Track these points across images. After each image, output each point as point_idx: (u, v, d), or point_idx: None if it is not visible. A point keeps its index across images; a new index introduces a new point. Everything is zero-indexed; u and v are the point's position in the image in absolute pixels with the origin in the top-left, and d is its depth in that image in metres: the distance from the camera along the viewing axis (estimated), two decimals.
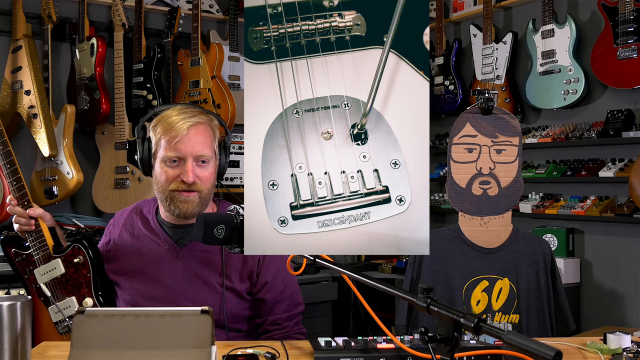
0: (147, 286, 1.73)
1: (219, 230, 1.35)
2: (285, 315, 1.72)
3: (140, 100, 3.39)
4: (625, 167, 2.96)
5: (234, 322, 1.71)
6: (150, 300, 1.71)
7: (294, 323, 1.74)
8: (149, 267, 1.74)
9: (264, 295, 1.71)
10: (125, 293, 1.77)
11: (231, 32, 3.74)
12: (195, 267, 1.70)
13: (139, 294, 1.74)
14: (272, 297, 1.72)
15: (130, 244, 1.79)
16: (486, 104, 2.02)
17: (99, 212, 3.42)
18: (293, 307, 1.74)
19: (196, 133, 1.64)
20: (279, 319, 1.71)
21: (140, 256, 1.76)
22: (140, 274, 1.75)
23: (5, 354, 1.12)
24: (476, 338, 1.39)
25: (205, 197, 1.68)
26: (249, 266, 1.71)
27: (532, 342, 0.91)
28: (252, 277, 1.72)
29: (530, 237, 2.11)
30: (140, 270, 1.75)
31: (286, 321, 1.72)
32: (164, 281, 1.71)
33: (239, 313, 1.71)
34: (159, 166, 1.68)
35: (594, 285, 3.20)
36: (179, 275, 1.70)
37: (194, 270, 1.70)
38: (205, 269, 1.70)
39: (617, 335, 1.49)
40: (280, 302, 1.72)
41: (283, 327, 1.71)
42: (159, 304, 1.68)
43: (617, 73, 2.95)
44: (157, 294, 1.71)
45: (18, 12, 3.18)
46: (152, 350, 1.08)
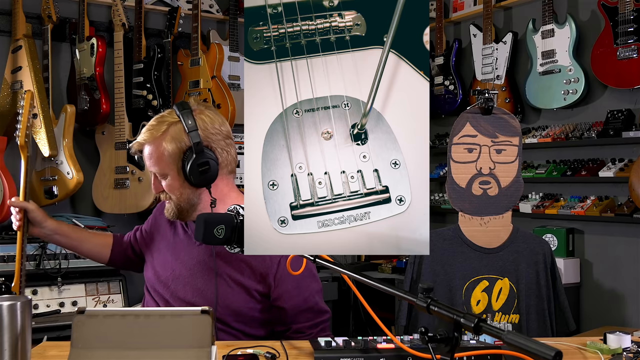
0: (163, 267, 1.78)
1: (219, 230, 1.35)
2: (309, 324, 1.68)
3: (140, 100, 3.39)
4: (625, 167, 2.96)
5: (241, 323, 1.67)
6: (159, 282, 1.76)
7: (319, 330, 1.69)
8: (169, 248, 1.80)
9: (284, 304, 1.66)
10: (148, 270, 1.85)
11: (231, 32, 3.74)
12: (211, 256, 1.69)
13: (155, 273, 1.79)
14: (293, 306, 1.66)
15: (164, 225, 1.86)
16: (486, 104, 2.02)
17: (99, 212, 3.41)
18: (317, 315, 1.69)
19: (147, 152, 1.69)
20: (303, 327, 1.67)
21: (166, 237, 1.83)
22: (161, 253, 1.81)
23: (5, 354, 1.12)
24: (476, 338, 1.39)
25: (179, 202, 1.70)
26: (265, 266, 1.66)
27: (532, 342, 0.91)
28: (266, 278, 1.66)
29: (530, 237, 2.11)
30: (161, 250, 1.82)
31: (310, 329, 1.68)
32: (177, 264, 1.74)
33: (246, 313, 1.66)
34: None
35: (594, 285, 3.20)
36: (194, 262, 1.72)
37: (209, 260, 1.69)
38: (220, 261, 1.68)
39: (617, 335, 1.49)
40: (303, 311, 1.67)
41: (307, 334, 1.66)
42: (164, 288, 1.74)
43: (617, 73, 2.95)
44: (166, 274, 1.75)
45: (18, 12, 3.18)
46: (152, 350, 1.08)
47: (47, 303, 2.80)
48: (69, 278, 2.99)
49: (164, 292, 1.74)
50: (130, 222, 3.15)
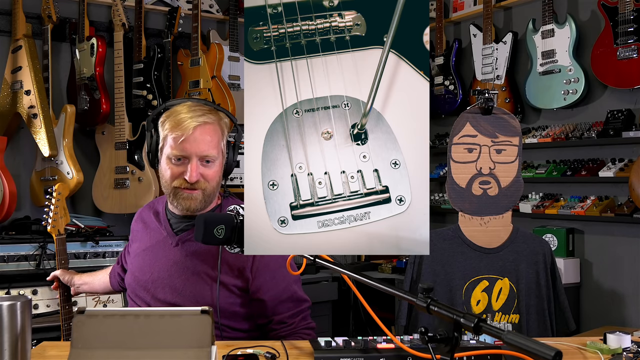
0: (141, 271, 1.80)
1: (219, 230, 1.35)
2: (289, 314, 1.71)
3: (140, 100, 3.39)
4: (625, 167, 2.96)
5: (224, 318, 1.70)
6: (139, 286, 1.78)
7: (300, 319, 1.73)
8: (147, 252, 1.81)
9: (264, 296, 1.70)
10: (128, 276, 1.87)
11: (231, 32, 3.74)
12: (187, 256, 1.73)
13: (134, 278, 1.81)
14: (272, 297, 1.71)
15: (141, 231, 1.89)
16: (486, 104, 2.02)
17: (99, 212, 3.41)
18: (297, 304, 1.73)
19: (202, 132, 1.65)
20: (284, 317, 1.71)
21: (144, 242, 1.84)
22: (139, 258, 1.83)
23: (5, 354, 1.12)
24: (476, 338, 1.39)
25: (209, 194, 1.70)
26: (241, 261, 1.69)
27: (532, 342, 0.91)
28: (243, 272, 1.69)
29: (530, 237, 2.11)
30: (139, 255, 1.83)
31: (291, 318, 1.71)
32: (156, 267, 1.76)
33: (228, 308, 1.69)
34: (165, 162, 1.70)
35: (594, 285, 3.20)
36: (170, 263, 1.74)
37: (185, 260, 1.72)
38: (195, 260, 1.71)
39: (617, 335, 1.49)
40: (283, 301, 1.71)
41: (289, 324, 1.71)
42: (145, 292, 1.76)
43: (617, 73, 2.95)
44: (145, 278, 1.77)
45: (18, 12, 3.18)
46: (152, 350, 1.08)
47: (47, 303, 2.80)
48: None
49: (144, 295, 1.77)
50: (130, 222, 3.15)
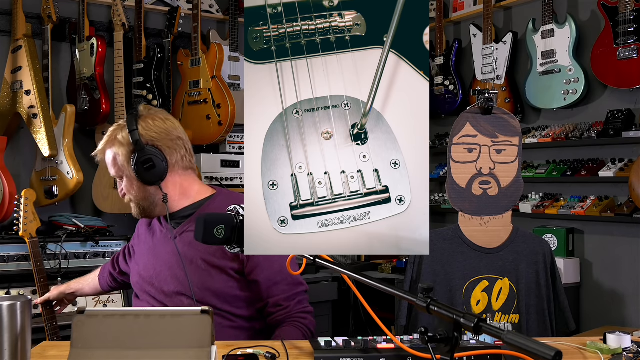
0: (146, 269, 1.86)
1: (219, 230, 1.35)
2: (284, 296, 1.72)
3: (140, 100, 3.38)
4: (625, 167, 2.96)
5: (226, 303, 1.73)
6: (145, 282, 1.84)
7: (296, 302, 1.73)
8: (150, 251, 1.89)
9: (258, 277, 1.72)
10: (133, 276, 1.93)
11: (231, 32, 3.74)
12: (185, 246, 1.77)
13: (140, 276, 1.88)
14: (266, 277, 1.72)
15: (145, 233, 1.96)
16: (486, 104, 2.02)
17: (99, 212, 3.41)
18: (293, 286, 1.74)
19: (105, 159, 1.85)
20: (279, 299, 1.72)
21: (147, 243, 1.92)
22: (144, 257, 1.90)
23: (5, 354, 1.12)
24: (476, 338, 1.39)
25: (138, 201, 1.81)
26: None
27: (532, 342, 0.91)
28: (239, 254, 1.71)
29: (530, 237, 2.11)
30: (144, 254, 1.90)
31: (287, 301, 1.72)
32: (159, 262, 1.83)
33: (227, 292, 1.72)
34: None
35: (594, 285, 3.20)
36: (170, 255, 1.80)
37: (184, 250, 1.77)
38: (193, 248, 1.75)
39: (617, 335, 1.49)
40: (277, 283, 1.73)
41: (284, 307, 1.72)
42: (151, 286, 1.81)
43: (617, 73, 2.95)
44: (150, 274, 1.83)
45: (18, 12, 3.18)
46: (152, 350, 1.08)
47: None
48: (69, 278, 2.97)
49: (150, 290, 1.82)
50: (130, 222, 3.16)
